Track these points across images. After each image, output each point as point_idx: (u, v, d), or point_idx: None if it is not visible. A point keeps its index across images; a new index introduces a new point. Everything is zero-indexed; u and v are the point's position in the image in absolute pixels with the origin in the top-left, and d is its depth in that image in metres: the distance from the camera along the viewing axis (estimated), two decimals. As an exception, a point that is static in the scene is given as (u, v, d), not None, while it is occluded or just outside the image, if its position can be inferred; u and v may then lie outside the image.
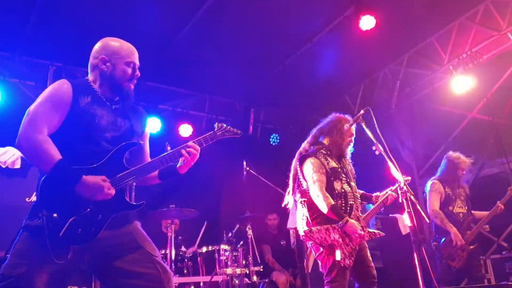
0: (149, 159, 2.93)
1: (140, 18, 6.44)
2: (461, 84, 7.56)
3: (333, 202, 4.05)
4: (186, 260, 6.09)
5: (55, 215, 2.43)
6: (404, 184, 3.92)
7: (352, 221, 4.04)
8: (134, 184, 5.20)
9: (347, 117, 4.63)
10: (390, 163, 4.06)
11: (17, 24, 6.38)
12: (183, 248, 6.40)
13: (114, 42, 2.87)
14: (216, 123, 3.11)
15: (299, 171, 4.41)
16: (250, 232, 6.44)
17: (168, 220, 6.13)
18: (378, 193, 4.57)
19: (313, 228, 4.10)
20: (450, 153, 5.90)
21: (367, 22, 6.58)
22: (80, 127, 2.63)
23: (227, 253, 5.98)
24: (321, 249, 4.08)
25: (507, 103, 7.78)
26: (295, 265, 6.94)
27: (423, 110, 8.79)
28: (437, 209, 5.62)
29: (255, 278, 6.18)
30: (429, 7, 6.90)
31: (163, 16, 6.53)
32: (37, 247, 2.41)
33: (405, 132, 9.10)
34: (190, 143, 2.87)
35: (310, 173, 4.20)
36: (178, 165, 2.92)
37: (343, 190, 4.23)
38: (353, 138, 4.58)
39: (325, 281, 4.07)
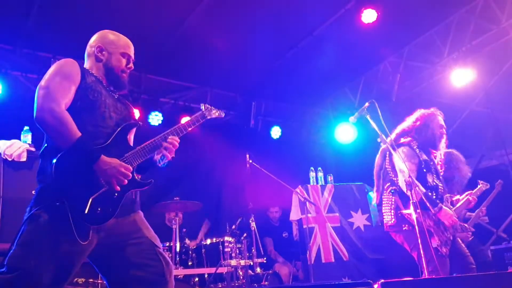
0: None
1: (142, 11, 6.45)
2: (460, 77, 7.61)
3: (424, 190, 4.12)
4: (190, 252, 6.14)
5: (73, 195, 2.39)
6: (409, 176, 3.98)
7: (446, 208, 4.11)
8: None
9: (435, 112, 4.58)
10: (394, 154, 4.13)
11: (19, 17, 6.35)
12: (187, 241, 6.45)
13: (111, 34, 2.96)
14: (202, 104, 3.20)
15: (387, 161, 4.44)
16: (253, 224, 6.50)
17: (172, 213, 6.17)
18: (458, 196, 4.58)
19: (410, 211, 4.03)
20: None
21: (368, 16, 6.63)
22: (90, 102, 2.64)
23: (231, 245, 6.03)
24: (419, 233, 3.93)
25: (506, 96, 7.83)
26: (298, 257, 7.00)
27: (423, 103, 8.81)
28: None
29: (258, 269, 6.24)
30: (429, 1, 6.94)
31: (165, 9, 6.52)
32: (51, 234, 2.36)
33: (405, 125, 9.15)
34: (172, 133, 2.87)
35: (401, 162, 4.23)
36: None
37: (434, 183, 4.33)
38: (444, 130, 4.60)
39: (428, 271, 3.92)
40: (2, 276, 2.29)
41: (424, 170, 4.32)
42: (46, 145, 2.59)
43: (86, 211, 2.37)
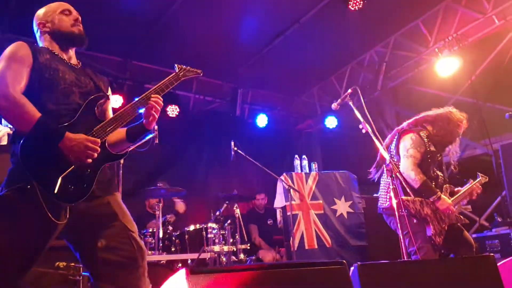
0: None
1: (128, -3, 6.41)
2: (446, 66, 7.63)
3: (425, 178, 4.15)
4: (173, 238, 6.13)
5: (42, 176, 2.34)
6: (390, 162, 3.99)
7: (444, 197, 4.14)
8: (122, 162, 5.25)
9: (460, 116, 4.56)
10: (377, 142, 4.14)
11: (1, 1, 6.29)
12: (170, 226, 6.44)
13: (44, 7, 2.90)
14: (176, 65, 3.02)
15: (394, 144, 4.48)
16: (237, 211, 6.51)
17: (155, 199, 6.16)
18: (459, 188, 4.58)
19: (409, 198, 4.11)
20: None
21: (355, 3, 6.63)
22: (46, 81, 2.58)
23: (214, 231, 6.04)
24: (415, 220, 4.09)
25: (491, 86, 7.89)
26: (281, 244, 7.03)
27: (409, 92, 8.90)
28: None
29: (242, 256, 6.25)
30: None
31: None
32: (23, 215, 2.34)
33: (390, 114, 9.21)
34: (152, 93, 2.75)
35: (406, 148, 4.28)
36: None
37: (435, 174, 4.36)
38: (458, 139, 4.62)
39: (413, 257, 4.04)
40: None
41: (429, 160, 4.35)
42: (14, 129, 2.55)
43: (55, 191, 2.33)
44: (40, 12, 2.89)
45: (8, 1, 6.23)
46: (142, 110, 2.75)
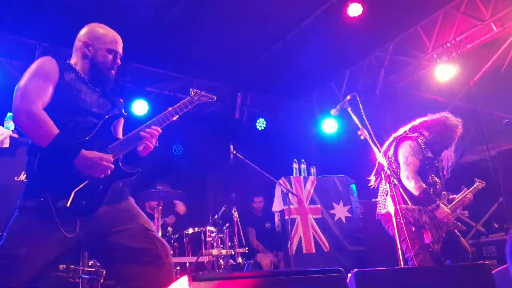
0: None
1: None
2: (444, 72, 7.69)
3: (424, 186, 4.18)
4: (172, 241, 6.17)
5: (56, 190, 2.45)
6: (388, 169, 4.03)
7: (443, 206, 4.18)
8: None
9: (455, 121, 4.61)
10: (375, 148, 4.17)
11: (3, 3, 6.30)
12: (169, 229, 6.47)
13: (100, 28, 2.93)
14: (191, 89, 3.19)
15: (391, 151, 4.51)
16: (235, 214, 6.54)
17: (154, 202, 6.19)
18: (454, 196, 4.61)
19: (408, 206, 4.16)
20: None
21: (354, 9, 6.67)
22: (68, 100, 2.67)
23: (213, 235, 6.07)
24: (413, 229, 4.14)
25: (489, 92, 7.93)
26: (279, 248, 7.05)
27: (407, 97, 8.93)
28: None
29: (240, 259, 6.29)
30: (415, -4, 7.01)
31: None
32: (37, 226, 2.44)
33: (389, 119, 9.23)
34: (159, 121, 2.90)
35: (405, 155, 4.33)
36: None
37: (433, 180, 4.41)
38: (453, 145, 4.67)
39: (409, 263, 4.09)
40: None
41: (427, 167, 4.39)
42: (30, 142, 2.64)
43: (68, 204, 2.44)
44: (94, 31, 2.92)
45: (11, 4, 6.26)
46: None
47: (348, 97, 4.42)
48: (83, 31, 2.93)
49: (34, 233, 2.44)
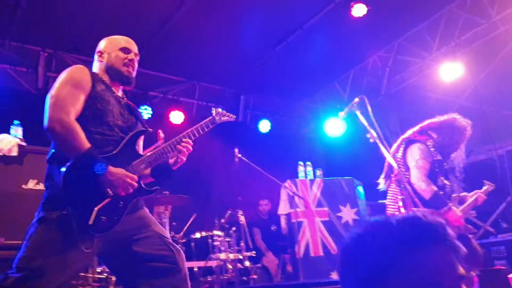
0: None
1: (131, 5, 6.41)
2: (449, 71, 7.64)
3: (436, 189, 4.14)
4: (179, 245, 6.12)
5: (79, 205, 2.44)
6: (399, 172, 3.99)
7: (455, 208, 4.13)
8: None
9: (464, 123, 4.54)
10: (384, 151, 4.12)
11: (7, 10, 6.28)
12: (176, 234, 6.43)
13: (110, 37, 3.03)
14: (213, 108, 3.21)
15: (400, 153, 4.45)
16: (242, 218, 6.52)
17: (161, 207, 6.16)
18: (465, 193, 4.58)
19: (420, 209, 4.07)
20: None
21: (358, 10, 6.62)
22: (97, 112, 2.68)
23: (220, 239, 6.05)
24: None
25: (494, 91, 7.89)
26: (286, 251, 7.02)
27: (412, 97, 8.88)
28: None
29: (247, 263, 6.25)
30: (419, -5, 6.96)
31: (153, 2, 6.49)
32: (57, 239, 2.42)
33: (394, 119, 9.19)
34: (185, 137, 2.93)
35: (415, 158, 4.27)
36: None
37: (442, 183, 4.34)
38: (463, 146, 4.60)
39: None
40: (10, 276, 2.35)
41: (436, 170, 4.34)
42: (53, 151, 2.62)
43: (90, 222, 2.43)
44: (104, 41, 3.01)
45: (15, 10, 6.23)
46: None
47: (356, 99, 4.35)
48: (98, 46, 3.02)
49: (55, 247, 2.41)
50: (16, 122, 5.27)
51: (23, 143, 4.93)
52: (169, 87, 8.56)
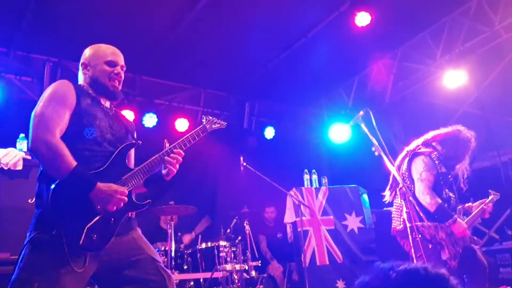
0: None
1: (136, 13, 6.43)
2: (453, 78, 7.65)
3: (440, 201, 4.16)
4: (185, 256, 6.16)
5: (69, 224, 2.39)
6: (403, 186, 4.01)
7: (460, 220, 4.15)
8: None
9: (468, 135, 4.58)
10: (389, 164, 4.14)
11: (12, 19, 6.31)
12: (182, 245, 6.47)
13: (95, 46, 2.94)
14: (204, 116, 3.21)
15: (405, 166, 4.49)
16: (247, 227, 6.53)
17: (167, 216, 6.18)
18: (470, 203, 4.59)
19: (424, 223, 4.15)
20: None
21: (362, 19, 6.63)
22: (84, 128, 2.62)
23: (226, 249, 6.06)
24: (430, 246, 4.13)
25: (498, 98, 7.89)
26: (291, 259, 7.03)
27: (416, 103, 8.90)
28: None
29: (253, 273, 6.27)
30: (423, 3, 6.97)
31: (159, 10, 6.51)
32: (50, 260, 2.38)
33: (398, 125, 9.21)
34: (176, 148, 2.89)
35: (419, 171, 4.31)
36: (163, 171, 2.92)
37: (447, 196, 4.37)
38: (467, 158, 4.63)
39: None
40: None
41: (441, 183, 4.36)
42: (41, 169, 2.58)
43: (81, 242, 2.39)
44: (89, 51, 2.92)
45: (20, 20, 6.25)
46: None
47: (361, 112, 4.37)
48: (83, 53, 2.93)
49: (48, 270, 2.37)
50: (21, 135, 5.30)
51: (29, 157, 4.94)
52: (174, 94, 8.57)
